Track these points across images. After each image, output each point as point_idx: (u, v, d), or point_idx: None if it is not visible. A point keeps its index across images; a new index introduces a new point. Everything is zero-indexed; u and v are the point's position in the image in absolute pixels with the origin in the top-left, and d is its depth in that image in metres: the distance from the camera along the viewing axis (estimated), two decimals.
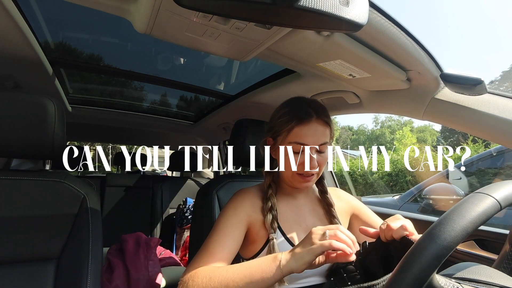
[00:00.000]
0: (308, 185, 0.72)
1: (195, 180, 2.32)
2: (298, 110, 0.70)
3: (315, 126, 0.69)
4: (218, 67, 1.34)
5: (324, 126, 0.71)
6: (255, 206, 0.73)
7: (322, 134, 0.70)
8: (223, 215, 0.72)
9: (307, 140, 0.68)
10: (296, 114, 0.69)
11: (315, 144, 0.69)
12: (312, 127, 0.69)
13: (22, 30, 0.78)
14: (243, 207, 0.72)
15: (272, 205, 0.72)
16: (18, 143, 0.76)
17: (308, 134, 0.68)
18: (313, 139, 0.69)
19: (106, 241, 1.00)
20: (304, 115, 0.69)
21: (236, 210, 0.71)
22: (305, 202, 0.80)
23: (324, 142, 0.70)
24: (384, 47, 0.67)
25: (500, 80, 19.84)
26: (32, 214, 0.78)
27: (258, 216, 0.72)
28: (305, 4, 0.39)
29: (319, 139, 0.69)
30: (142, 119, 2.00)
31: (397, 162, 6.93)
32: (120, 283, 1.33)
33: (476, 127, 0.76)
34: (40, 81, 1.18)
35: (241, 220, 0.70)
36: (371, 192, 6.93)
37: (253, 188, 0.79)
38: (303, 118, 0.69)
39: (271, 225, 0.69)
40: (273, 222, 0.69)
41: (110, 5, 0.60)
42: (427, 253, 0.35)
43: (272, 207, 0.71)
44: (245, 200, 0.74)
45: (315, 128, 0.69)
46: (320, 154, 0.71)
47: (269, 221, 0.69)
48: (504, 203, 0.38)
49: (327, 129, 0.71)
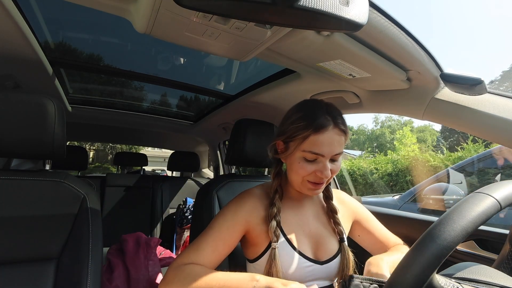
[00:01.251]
0: (317, 192, 0.71)
1: (195, 180, 2.32)
2: (315, 117, 0.65)
3: (332, 135, 0.64)
4: (218, 67, 1.34)
5: (341, 135, 0.66)
6: (256, 210, 0.71)
7: (339, 143, 0.66)
8: (221, 215, 0.70)
9: (323, 150, 0.64)
10: (313, 121, 0.64)
11: (330, 154, 0.65)
12: (329, 136, 0.64)
13: (22, 30, 0.78)
14: (243, 211, 0.70)
15: (277, 211, 0.69)
16: (18, 143, 0.76)
17: (324, 144, 0.64)
18: (329, 149, 0.64)
19: (106, 241, 1.00)
20: (321, 123, 0.64)
21: (235, 213, 0.70)
22: (310, 206, 0.78)
23: (339, 152, 0.67)
24: (384, 47, 0.67)
25: (500, 80, 19.84)
26: (32, 214, 0.78)
27: (258, 221, 0.70)
28: (305, 4, 0.39)
29: (335, 149, 0.65)
30: (142, 119, 2.00)
31: (397, 162, 6.93)
32: (120, 283, 1.33)
33: (476, 127, 0.76)
34: (40, 81, 1.18)
35: (237, 224, 0.68)
36: (371, 192, 6.92)
37: (258, 189, 0.77)
38: (320, 127, 0.64)
39: (274, 232, 0.67)
40: (276, 229, 0.68)
41: (110, 5, 0.60)
42: (427, 253, 0.35)
43: (277, 213, 0.69)
44: (246, 203, 0.72)
45: (332, 138, 0.64)
46: (334, 162, 0.68)
47: (273, 228, 0.67)
48: (504, 203, 0.38)
49: (344, 137, 0.67)
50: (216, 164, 2.45)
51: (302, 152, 0.66)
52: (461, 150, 6.46)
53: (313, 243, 0.72)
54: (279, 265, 0.65)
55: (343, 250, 0.72)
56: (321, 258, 0.70)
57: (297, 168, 0.67)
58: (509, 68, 22.97)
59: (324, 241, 0.72)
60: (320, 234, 0.73)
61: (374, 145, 27.81)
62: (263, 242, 0.69)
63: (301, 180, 0.69)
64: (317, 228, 0.74)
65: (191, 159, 2.33)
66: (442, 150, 9.95)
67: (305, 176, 0.67)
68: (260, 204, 0.72)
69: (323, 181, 0.67)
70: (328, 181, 0.70)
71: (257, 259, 0.70)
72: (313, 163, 0.66)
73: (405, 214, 1.18)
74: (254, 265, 0.72)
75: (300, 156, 0.67)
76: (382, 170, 6.97)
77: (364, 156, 16.71)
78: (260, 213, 0.71)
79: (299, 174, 0.68)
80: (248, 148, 0.99)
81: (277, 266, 0.64)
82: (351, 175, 7.32)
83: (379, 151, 20.92)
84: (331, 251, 0.71)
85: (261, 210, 0.71)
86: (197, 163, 2.34)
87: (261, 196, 0.75)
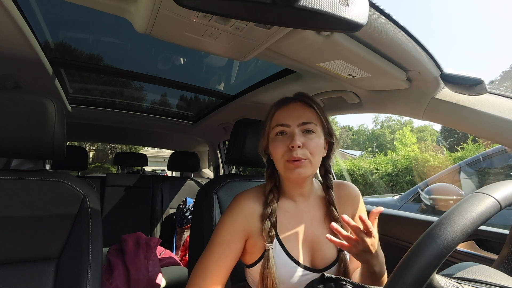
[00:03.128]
0: (300, 171, 0.66)
1: (195, 180, 2.32)
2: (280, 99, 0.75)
3: (295, 106, 0.70)
4: (218, 67, 1.34)
5: (305, 106, 0.71)
6: (253, 214, 0.69)
7: (303, 113, 0.69)
8: (220, 228, 0.69)
9: (287, 119, 0.68)
10: (276, 102, 0.74)
11: (296, 123, 0.68)
12: (291, 107, 0.70)
13: (22, 30, 0.78)
14: (239, 220, 0.68)
15: (272, 211, 0.68)
16: (18, 143, 0.76)
17: (288, 114, 0.69)
18: (293, 117, 0.68)
19: (106, 241, 1.00)
20: (283, 100, 0.73)
21: (232, 226, 0.68)
22: (308, 210, 0.74)
23: (308, 121, 0.68)
24: (384, 47, 0.67)
25: (500, 80, 19.84)
26: (32, 214, 0.78)
27: (256, 225, 0.68)
28: (305, 4, 0.39)
29: (299, 118, 0.68)
30: (142, 119, 2.00)
31: (397, 162, 6.93)
32: (120, 283, 1.33)
33: (476, 127, 0.76)
34: (40, 81, 1.18)
35: (237, 236, 0.67)
36: (371, 192, 6.92)
37: (253, 191, 0.75)
38: (282, 102, 0.73)
39: (268, 233, 0.66)
40: (271, 230, 0.66)
41: (110, 5, 0.60)
42: (427, 253, 0.35)
43: (272, 213, 0.68)
44: (242, 210, 0.70)
45: (295, 108, 0.70)
46: (307, 135, 0.67)
47: (267, 229, 0.66)
48: (504, 203, 0.38)
49: (311, 111, 0.70)
50: (216, 164, 2.45)
51: (273, 130, 0.71)
52: (461, 150, 6.46)
53: (309, 249, 0.69)
54: (273, 269, 0.63)
55: (342, 258, 0.68)
56: (317, 266, 0.67)
57: (274, 148, 0.69)
58: (509, 68, 22.97)
59: (322, 247, 0.69)
60: (318, 240, 0.70)
61: (374, 145, 27.82)
62: (260, 248, 0.67)
63: (283, 164, 0.68)
64: (314, 233, 0.70)
65: (191, 159, 2.33)
66: (442, 150, 9.95)
67: (283, 155, 0.67)
68: (256, 207, 0.70)
69: (299, 155, 0.65)
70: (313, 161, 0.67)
71: (253, 264, 0.68)
72: (285, 138, 0.68)
73: (405, 214, 1.18)
74: (250, 270, 0.70)
75: (273, 135, 0.71)
76: (382, 170, 6.97)
77: (364, 156, 16.73)
78: (257, 217, 0.69)
79: (277, 154, 0.68)
80: (248, 148, 0.99)
81: (271, 269, 0.63)
82: (351, 175, 7.32)
83: (379, 151, 20.92)
84: (329, 259, 0.68)
85: (257, 214, 0.69)
86: (197, 163, 2.34)
87: (257, 198, 0.72)
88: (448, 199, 1.56)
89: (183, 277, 1.51)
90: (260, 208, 0.70)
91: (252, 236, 0.68)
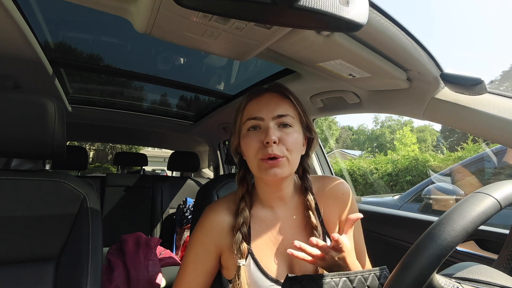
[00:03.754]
0: (276, 172, 0.58)
1: (195, 180, 2.32)
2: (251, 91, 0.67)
3: (268, 97, 0.63)
4: (218, 67, 1.34)
5: (280, 97, 0.63)
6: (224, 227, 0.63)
7: (278, 105, 0.61)
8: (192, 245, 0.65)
9: (261, 112, 0.60)
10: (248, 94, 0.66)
11: (270, 115, 0.60)
12: (265, 98, 0.63)
13: (22, 30, 0.78)
14: (211, 234, 0.63)
15: (243, 221, 0.61)
16: (18, 143, 0.76)
17: (261, 106, 0.61)
18: (267, 109, 0.60)
19: (106, 241, 1.00)
20: (255, 91, 0.66)
21: (202, 243, 0.64)
22: (286, 215, 0.66)
23: (283, 114, 0.60)
24: (384, 47, 0.67)
25: (500, 80, 19.84)
26: (32, 214, 0.78)
27: (228, 240, 0.62)
28: (305, 4, 0.39)
29: (274, 110, 0.60)
30: (142, 119, 2.01)
31: (397, 162, 6.93)
32: (120, 283, 1.33)
33: (476, 127, 0.76)
34: (40, 81, 1.18)
35: (209, 251, 0.63)
36: (371, 192, 6.92)
37: (224, 200, 0.68)
38: (254, 92, 0.65)
39: (239, 247, 0.59)
40: (242, 243, 0.59)
41: (110, 5, 0.60)
42: (427, 253, 0.35)
43: (243, 224, 0.61)
44: (212, 223, 0.64)
45: (268, 100, 0.62)
46: (284, 130, 0.60)
47: (238, 242, 0.59)
48: (504, 203, 0.38)
49: (288, 103, 0.63)
50: (216, 164, 2.45)
51: (244, 125, 0.63)
52: (461, 150, 6.46)
53: (287, 261, 0.62)
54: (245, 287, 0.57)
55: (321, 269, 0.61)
56: None
57: (246, 145, 0.61)
58: (509, 68, 22.97)
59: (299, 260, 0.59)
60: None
61: (374, 145, 27.82)
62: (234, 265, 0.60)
63: (256, 163, 0.60)
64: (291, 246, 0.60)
65: (191, 159, 2.33)
66: (442, 150, 9.95)
67: (257, 154, 0.59)
68: (227, 219, 0.64)
69: (274, 151, 0.57)
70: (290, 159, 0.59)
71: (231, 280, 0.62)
72: (258, 132, 0.60)
73: (405, 214, 1.18)
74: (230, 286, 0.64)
75: (245, 130, 0.62)
76: (382, 170, 6.98)
77: (364, 156, 16.74)
78: (228, 230, 0.63)
79: (250, 152, 0.60)
80: None
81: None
82: (351, 175, 7.33)
83: (379, 151, 20.92)
84: (308, 270, 0.62)
85: (229, 227, 0.63)
86: (197, 163, 2.34)
87: (228, 208, 0.65)
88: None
89: None
90: (232, 220, 0.64)
91: (225, 251, 0.63)
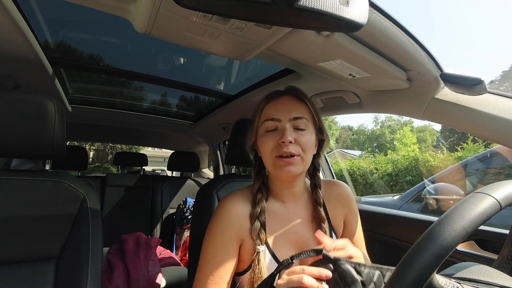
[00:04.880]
0: (290, 169, 0.62)
1: (195, 180, 2.32)
2: (270, 93, 0.72)
3: (286, 100, 0.68)
4: (218, 67, 1.34)
5: (297, 101, 0.68)
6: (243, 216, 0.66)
7: (295, 107, 0.66)
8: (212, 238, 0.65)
9: (279, 114, 0.65)
10: (266, 96, 0.71)
11: (287, 117, 0.65)
12: (282, 101, 0.68)
13: (22, 30, 0.78)
14: (231, 223, 0.65)
15: (261, 211, 0.65)
16: (18, 143, 0.76)
17: (278, 108, 0.66)
18: (284, 112, 0.65)
19: (106, 241, 1.00)
20: (273, 93, 0.70)
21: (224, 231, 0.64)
22: (296, 209, 0.71)
23: (299, 116, 0.65)
24: (384, 47, 0.67)
25: (500, 80, 19.84)
26: (32, 214, 0.78)
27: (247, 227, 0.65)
28: (305, 4, 0.39)
29: (291, 112, 0.65)
30: (142, 119, 2.01)
31: (397, 162, 6.93)
32: (120, 283, 1.33)
33: (476, 127, 0.76)
34: (40, 81, 1.18)
35: (231, 241, 0.64)
36: (371, 192, 6.92)
37: (240, 192, 0.71)
38: (273, 95, 0.70)
39: (258, 234, 0.62)
40: (260, 231, 0.63)
41: (110, 5, 0.60)
42: (427, 253, 0.35)
43: (261, 213, 0.65)
44: (231, 214, 0.66)
45: (286, 102, 0.67)
46: (299, 131, 0.64)
47: (256, 230, 0.63)
48: (504, 203, 0.38)
49: (303, 106, 0.68)
50: (216, 164, 2.45)
51: (262, 125, 0.68)
52: (461, 150, 6.46)
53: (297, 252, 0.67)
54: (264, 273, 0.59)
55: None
56: None
57: (263, 144, 0.66)
58: (509, 68, 22.97)
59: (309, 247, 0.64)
60: (306, 242, 0.67)
61: (374, 145, 27.82)
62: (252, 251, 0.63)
63: (272, 160, 0.64)
64: (303, 235, 0.68)
65: (191, 159, 2.33)
66: (442, 150, 9.95)
67: (272, 151, 0.64)
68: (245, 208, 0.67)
69: (290, 150, 0.62)
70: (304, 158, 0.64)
71: (244, 271, 0.65)
72: (275, 133, 0.65)
73: (405, 214, 1.18)
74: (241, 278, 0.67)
75: (263, 130, 0.67)
76: (382, 170, 6.98)
77: (364, 156, 16.75)
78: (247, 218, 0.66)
79: (266, 149, 0.65)
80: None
81: (262, 273, 0.59)
82: (351, 175, 7.32)
83: (379, 151, 20.93)
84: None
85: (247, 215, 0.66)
86: (197, 163, 2.34)
87: (245, 198, 0.69)
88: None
89: (183, 277, 1.51)
90: (249, 208, 0.67)
91: (245, 240, 0.65)
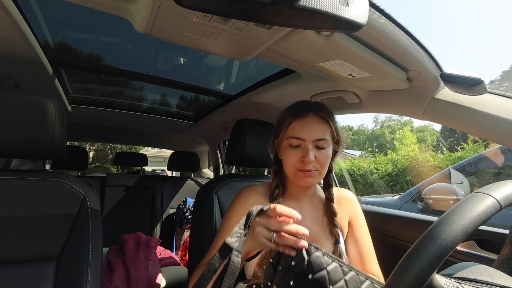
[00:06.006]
0: (309, 180, 0.71)
1: (195, 180, 2.32)
2: (297, 108, 0.74)
3: (312, 121, 0.71)
4: (218, 67, 1.34)
5: (322, 122, 0.72)
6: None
7: (319, 129, 0.71)
8: (228, 215, 0.73)
9: (304, 134, 0.70)
10: (295, 110, 0.74)
11: (311, 138, 0.69)
12: (308, 121, 0.71)
13: (22, 30, 0.78)
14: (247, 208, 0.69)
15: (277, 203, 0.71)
16: (18, 143, 0.76)
17: (304, 129, 0.70)
18: (310, 133, 0.70)
19: (106, 241, 1.00)
20: (301, 110, 0.73)
21: (240, 213, 0.71)
22: (309, 207, 0.78)
23: (322, 138, 0.70)
24: (384, 47, 0.67)
25: (500, 80, 19.82)
26: (32, 214, 0.78)
27: None
28: (305, 4, 0.39)
29: (315, 134, 0.70)
30: (142, 119, 2.00)
31: (397, 162, 6.93)
32: (120, 283, 1.33)
33: (476, 127, 0.76)
34: (40, 81, 1.18)
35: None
36: (371, 192, 6.92)
37: (259, 186, 0.80)
38: (300, 113, 0.72)
39: None
40: None
41: (110, 5, 0.60)
42: (427, 253, 0.35)
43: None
44: (250, 199, 0.75)
45: (312, 123, 0.71)
46: (319, 150, 0.70)
47: None
48: (504, 203, 0.38)
49: (326, 126, 0.72)
50: (216, 164, 2.45)
51: (287, 139, 0.72)
52: (461, 150, 6.46)
53: None
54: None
55: (337, 252, 0.71)
56: None
57: (286, 156, 0.72)
58: (509, 68, 22.96)
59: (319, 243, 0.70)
60: (316, 236, 0.73)
61: (374, 145, 27.81)
62: None
63: (293, 170, 0.71)
64: (313, 230, 0.73)
65: (191, 159, 2.33)
66: (442, 150, 9.95)
67: (294, 164, 0.70)
68: (261, 201, 0.74)
69: (310, 167, 0.69)
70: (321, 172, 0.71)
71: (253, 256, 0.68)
72: (298, 150, 0.70)
73: (405, 214, 1.18)
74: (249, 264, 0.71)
75: (287, 144, 0.72)
76: (382, 170, 6.97)
77: (364, 156, 16.74)
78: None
79: (289, 162, 0.71)
80: (248, 148, 0.99)
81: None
82: (351, 175, 7.32)
83: (379, 151, 20.92)
84: None
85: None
86: (197, 163, 2.34)
87: (263, 192, 0.77)
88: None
89: (183, 277, 1.51)
90: (267, 201, 0.74)
91: None
